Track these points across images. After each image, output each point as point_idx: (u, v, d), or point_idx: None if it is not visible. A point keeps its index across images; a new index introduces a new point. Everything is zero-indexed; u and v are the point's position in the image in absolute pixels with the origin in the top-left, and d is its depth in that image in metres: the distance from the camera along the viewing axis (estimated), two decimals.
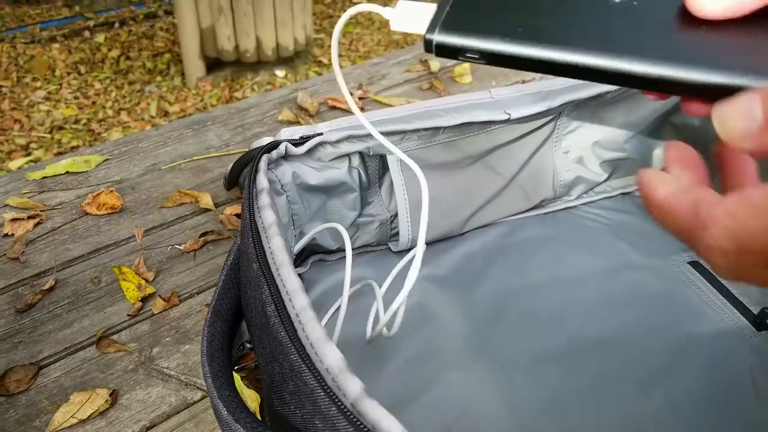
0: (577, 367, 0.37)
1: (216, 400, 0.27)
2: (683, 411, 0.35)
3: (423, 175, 0.29)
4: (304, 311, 0.25)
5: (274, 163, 0.37)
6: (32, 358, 0.44)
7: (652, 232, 0.48)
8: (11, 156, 1.86)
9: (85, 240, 0.54)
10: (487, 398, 0.35)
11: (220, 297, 0.32)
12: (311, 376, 0.23)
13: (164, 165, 0.63)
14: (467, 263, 0.44)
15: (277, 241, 0.28)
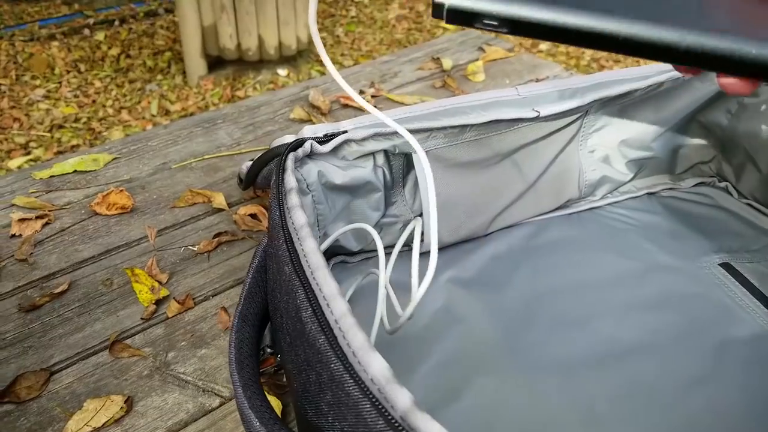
0: (612, 373, 0.36)
1: (247, 410, 0.25)
2: (724, 416, 0.34)
3: (431, 172, 0.28)
4: (344, 317, 0.24)
5: (300, 161, 0.35)
6: (43, 364, 0.42)
7: (681, 233, 0.47)
8: (10, 155, 1.84)
9: (96, 241, 0.52)
10: (521, 406, 0.34)
11: (246, 301, 0.31)
12: (355, 386, 0.22)
13: (174, 164, 0.62)
14: (494, 265, 0.43)
15: (310, 243, 0.27)
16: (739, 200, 0.50)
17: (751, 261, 0.45)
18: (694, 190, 0.52)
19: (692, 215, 0.49)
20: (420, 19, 2.80)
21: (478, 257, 0.43)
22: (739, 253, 0.46)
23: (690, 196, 0.51)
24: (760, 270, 0.44)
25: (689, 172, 0.53)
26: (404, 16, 2.83)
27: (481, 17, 0.19)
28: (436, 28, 2.71)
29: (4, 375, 0.41)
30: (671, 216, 0.48)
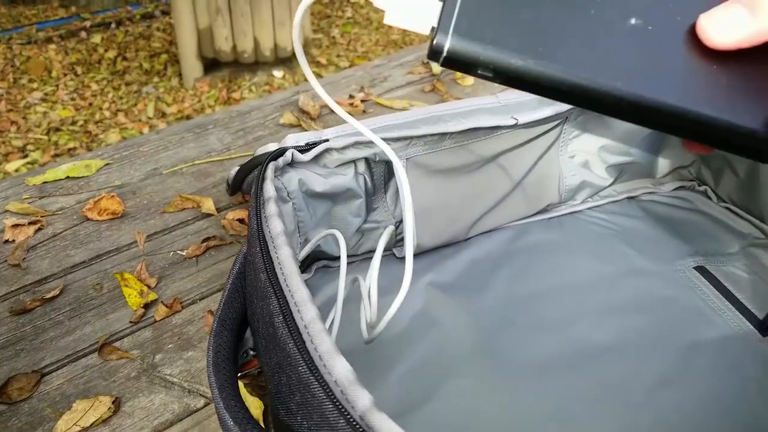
0: (585, 374, 0.37)
1: (222, 410, 0.27)
2: (691, 417, 0.35)
3: (407, 180, 0.29)
4: (313, 323, 0.25)
5: (281, 170, 0.36)
6: (34, 366, 0.43)
7: (658, 237, 0.48)
8: (8, 158, 1.86)
9: (87, 246, 0.53)
10: (494, 406, 0.35)
11: (225, 306, 0.32)
12: (319, 388, 0.23)
13: (165, 169, 0.63)
14: (473, 269, 0.44)
15: (285, 251, 0.28)
16: (718, 204, 0.52)
17: (726, 264, 0.46)
18: (674, 194, 0.53)
19: (671, 219, 0.50)
20: None
21: (458, 261, 0.45)
22: (716, 256, 0.47)
23: (669, 200, 0.52)
24: (734, 273, 0.45)
25: (669, 176, 0.54)
26: None
27: (477, 66, 0.20)
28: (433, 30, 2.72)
29: None
30: (650, 220, 0.50)
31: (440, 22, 0.20)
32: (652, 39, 0.21)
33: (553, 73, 0.19)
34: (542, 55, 0.19)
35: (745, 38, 0.20)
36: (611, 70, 0.20)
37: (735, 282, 0.44)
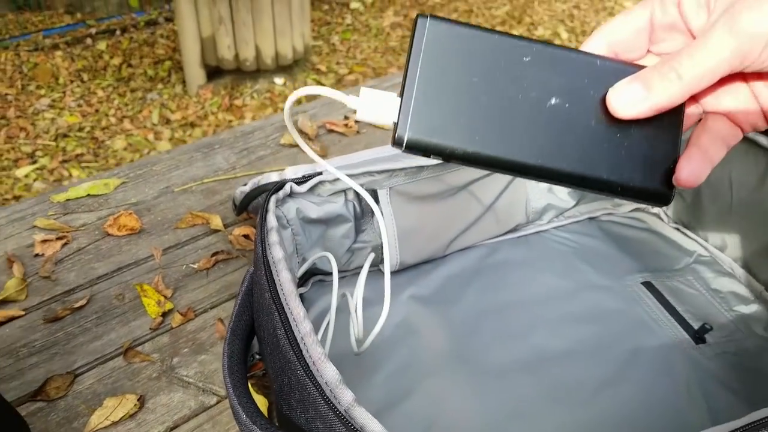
0: (540, 376, 0.44)
1: (237, 406, 0.33)
2: (630, 413, 0.42)
3: (379, 210, 0.35)
4: (308, 335, 0.31)
5: (281, 201, 0.43)
6: (68, 368, 0.50)
7: (612, 255, 0.54)
8: (18, 163, 1.92)
9: (109, 259, 0.60)
10: (461, 403, 0.41)
11: (236, 318, 0.38)
12: (314, 387, 0.29)
13: (177, 187, 0.69)
14: (448, 283, 0.51)
15: (285, 275, 0.35)
16: (669, 225, 0.58)
17: (672, 279, 0.53)
18: (631, 215, 0.60)
19: (626, 238, 0.57)
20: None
21: (436, 276, 0.51)
22: (663, 272, 0.53)
23: (626, 220, 0.59)
24: (677, 287, 0.52)
25: None
26: (398, 23, 2.91)
27: (431, 153, 0.26)
28: None
29: (36, 377, 0.49)
30: (607, 239, 0.56)
31: (399, 119, 0.25)
32: (569, 115, 0.27)
33: (488, 156, 0.26)
34: (479, 143, 0.25)
35: (643, 111, 0.27)
36: (533, 148, 0.26)
37: (677, 295, 0.51)
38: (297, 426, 0.32)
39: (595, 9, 3.05)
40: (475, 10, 3.03)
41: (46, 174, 1.88)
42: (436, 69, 0.25)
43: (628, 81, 0.26)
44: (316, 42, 2.67)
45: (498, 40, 0.26)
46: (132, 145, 2.01)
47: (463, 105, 0.26)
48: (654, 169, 0.27)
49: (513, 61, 0.26)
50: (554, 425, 0.41)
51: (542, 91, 0.26)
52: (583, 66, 0.27)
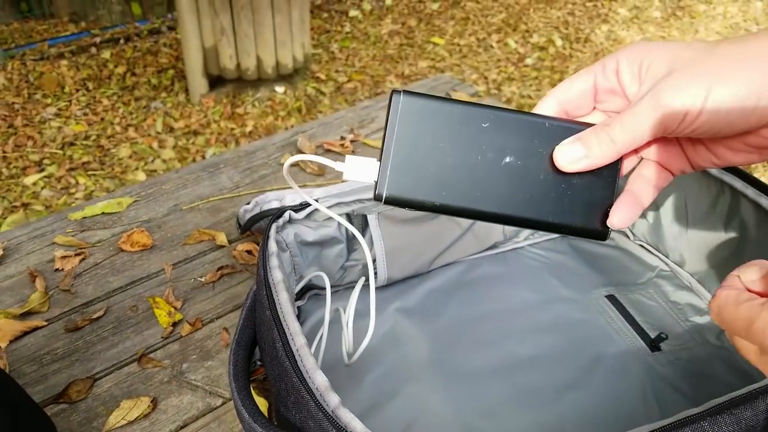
0: (509, 380, 0.49)
1: (241, 408, 0.39)
2: (589, 413, 0.47)
3: (361, 236, 0.41)
4: (302, 348, 0.37)
5: (281, 227, 0.49)
6: (87, 373, 0.56)
7: (580, 270, 0.60)
8: (25, 171, 1.98)
9: (123, 273, 0.65)
10: (438, 405, 0.47)
11: (241, 331, 0.44)
12: (306, 392, 0.35)
13: (185, 206, 0.75)
14: (431, 296, 0.56)
15: (284, 295, 0.40)
16: (634, 241, 0.64)
17: (634, 292, 0.58)
18: None
19: (593, 254, 0.62)
20: (412, 34, 2.93)
21: (420, 290, 0.57)
22: (627, 285, 0.59)
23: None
24: (638, 300, 0.57)
25: None
26: (397, 31, 2.96)
27: (407, 206, 0.31)
28: (427, 44, 2.84)
29: (59, 382, 0.55)
30: (576, 255, 0.62)
31: (378, 179, 0.30)
32: (521, 170, 0.32)
33: (454, 207, 0.31)
34: (446, 197, 0.30)
35: (583, 167, 0.32)
36: (490, 198, 0.31)
37: (637, 307, 0.56)
38: (293, 424, 0.37)
39: (589, 16, 3.11)
40: (472, 17, 3.09)
41: (53, 182, 1.93)
42: (408, 136, 0.30)
43: (571, 141, 0.31)
44: (315, 50, 2.73)
45: (461, 110, 0.31)
46: (137, 153, 2.06)
47: (432, 166, 0.31)
48: (593, 212, 0.32)
49: (474, 128, 0.31)
50: (520, 424, 0.46)
51: (498, 151, 0.31)
52: (533, 127, 0.32)
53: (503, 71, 2.63)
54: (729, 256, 0.53)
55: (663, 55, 0.30)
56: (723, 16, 3.16)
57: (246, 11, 2.09)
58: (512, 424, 0.46)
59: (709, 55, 0.28)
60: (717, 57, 0.28)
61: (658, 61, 0.30)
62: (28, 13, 2.89)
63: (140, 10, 2.87)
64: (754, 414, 0.34)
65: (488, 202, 0.31)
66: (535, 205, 0.32)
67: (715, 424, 0.34)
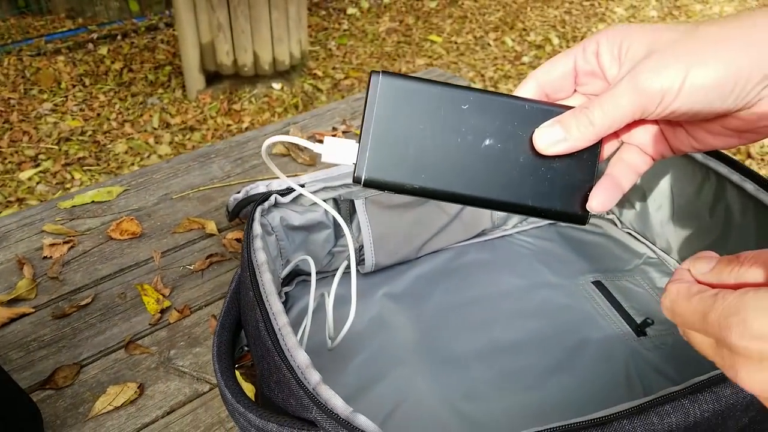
0: (492, 364, 0.49)
1: (224, 389, 0.39)
2: (570, 398, 0.47)
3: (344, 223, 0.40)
4: (284, 327, 0.37)
5: (266, 210, 0.49)
6: (74, 359, 0.55)
7: (567, 257, 0.60)
8: (21, 167, 1.98)
9: (112, 261, 0.65)
10: (424, 388, 0.47)
11: (225, 314, 0.44)
12: (287, 370, 0.35)
13: (175, 195, 0.75)
14: (419, 282, 0.56)
15: (267, 276, 0.40)
16: (622, 229, 0.64)
17: (621, 279, 0.58)
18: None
19: (581, 242, 0.62)
20: (409, 32, 2.93)
21: (408, 276, 0.57)
22: (614, 272, 0.59)
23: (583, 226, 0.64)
24: (625, 286, 0.57)
25: None
26: (394, 29, 2.96)
27: (385, 189, 0.30)
28: (424, 41, 2.84)
29: (45, 368, 0.55)
30: (564, 242, 0.62)
31: (357, 161, 0.30)
32: (501, 153, 0.32)
33: (433, 189, 0.31)
34: (424, 180, 0.30)
35: (562, 150, 0.32)
36: (469, 182, 0.31)
37: (624, 293, 0.56)
38: (276, 404, 0.37)
39: (586, 15, 3.11)
40: (469, 15, 3.09)
41: (49, 177, 1.93)
42: (387, 118, 0.30)
43: (550, 124, 0.31)
44: (313, 47, 2.73)
45: (441, 91, 0.30)
46: (133, 149, 2.06)
47: (411, 148, 0.30)
48: (573, 195, 0.32)
49: (453, 110, 0.30)
50: (505, 407, 0.46)
51: (478, 133, 0.31)
52: (513, 110, 0.32)
53: (500, 69, 2.63)
54: (714, 242, 0.54)
55: (642, 36, 0.29)
56: (719, 15, 3.16)
57: (243, 7, 2.09)
58: (496, 407, 0.46)
59: (689, 36, 0.28)
60: (696, 38, 0.28)
61: (637, 44, 0.29)
62: (25, 9, 2.89)
63: (138, 6, 2.87)
64: (734, 392, 0.35)
65: (467, 185, 0.31)
66: (515, 189, 0.32)
67: (695, 401, 0.34)
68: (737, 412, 0.35)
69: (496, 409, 0.46)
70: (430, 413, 0.45)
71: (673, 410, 0.33)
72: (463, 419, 0.45)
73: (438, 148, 0.31)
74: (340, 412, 0.32)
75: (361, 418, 0.31)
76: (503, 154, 0.31)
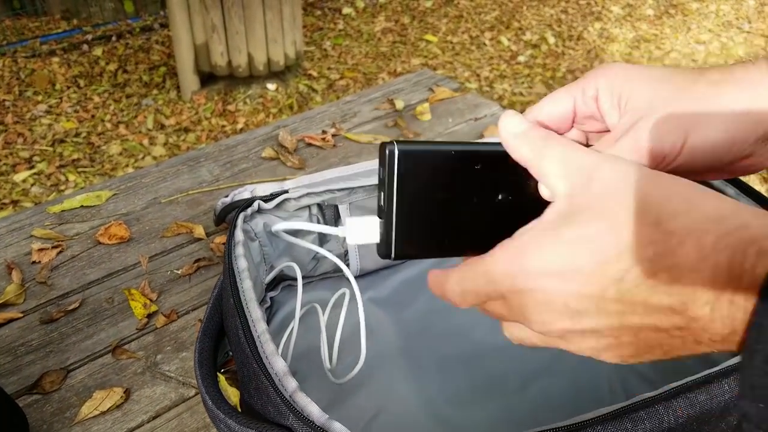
0: (476, 368, 0.49)
1: (205, 395, 0.39)
2: (553, 403, 0.47)
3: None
4: (263, 334, 0.37)
5: (249, 216, 0.49)
6: (61, 364, 0.56)
7: None
8: (16, 169, 1.97)
9: (100, 266, 0.66)
10: (406, 393, 0.47)
11: (207, 320, 0.44)
12: (265, 377, 0.35)
13: (164, 199, 0.75)
14: (403, 287, 0.56)
15: (247, 283, 0.40)
16: None
17: None
18: None
19: None
20: (405, 31, 2.93)
21: (393, 281, 0.57)
22: None
23: None
24: None
25: None
26: (390, 29, 2.96)
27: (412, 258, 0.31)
28: (420, 41, 2.84)
29: (32, 373, 0.55)
30: None
31: (382, 237, 0.30)
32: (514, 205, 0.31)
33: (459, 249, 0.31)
34: (449, 243, 0.30)
35: None
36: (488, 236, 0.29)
37: None
38: (256, 411, 0.38)
39: (582, 14, 3.11)
40: (465, 15, 3.09)
41: (43, 179, 1.93)
42: (405, 188, 0.29)
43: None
44: (308, 48, 2.73)
45: (454, 155, 0.30)
46: (127, 150, 2.06)
47: (431, 216, 0.30)
48: None
49: (466, 171, 0.30)
50: (487, 412, 0.46)
51: (491, 190, 0.31)
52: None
53: (496, 68, 2.63)
54: None
55: (642, 88, 0.30)
56: (716, 14, 3.17)
57: (237, 8, 2.09)
58: (478, 413, 0.47)
59: (687, 95, 0.29)
60: (694, 98, 0.29)
61: (637, 95, 0.30)
62: (20, 10, 2.88)
63: (133, 7, 2.87)
64: (708, 398, 0.35)
65: (487, 240, 0.29)
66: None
67: (670, 407, 0.34)
68: (712, 418, 0.35)
69: (477, 415, 0.46)
70: (412, 419, 0.46)
71: (648, 416, 0.33)
72: (445, 425, 0.46)
73: (457, 212, 0.31)
74: (315, 419, 0.32)
75: (336, 426, 0.32)
76: (516, 206, 0.31)
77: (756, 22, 3.09)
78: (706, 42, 2.89)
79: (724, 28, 3.03)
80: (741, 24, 3.06)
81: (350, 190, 0.53)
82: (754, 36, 2.97)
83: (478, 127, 0.90)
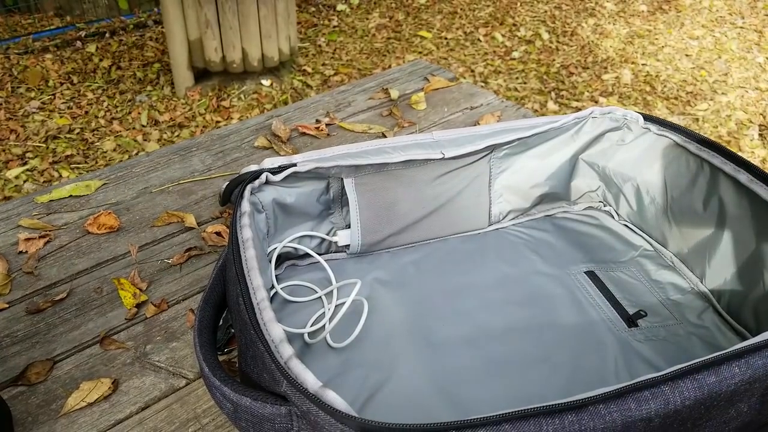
0: (478, 351, 0.48)
1: (202, 362, 0.37)
2: (557, 385, 0.46)
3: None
4: (263, 301, 0.36)
5: (257, 188, 0.48)
6: (48, 355, 0.54)
7: (561, 247, 0.59)
8: (8, 165, 1.95)
9: (89, 256, 0.64)
10: (408, 370, 0.46)
11: (210, 289, 0.43)
12: (261, 344, 0.34)
13: (155, 188, 0.73)
14: (410, 268, 0.55)
15: (251, 252, 0.39)
16: (619, 221, 0.62)
17: (615, 270, 0.57)
18: (584, 212, 0.64)
19: (576, 232, 0.61)
20: (399, 28, 2.91)
21: (398, 262, 0.56)
22: (608, 263, 0.58)
23: (579, 217, 0.63)
24: (619, 277, 0.56)
25: (581, 198, 0.65)
26: (384, 25, 2.95)
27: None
28: (414, 37, 2.83)
29: (18, 364, 0.53)
30: (558, 233, 0.60)
31: None
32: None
33: None
34: None
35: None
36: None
37: (617, 284, 0.55)
38: (251, 379, 0.36)
39: (576, 10, 3.10)
40: (459, 11, 3.08)
41: (36, 175, 1.91)
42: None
43: None
44: (302, 44, 2.71)
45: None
46: (121, 146, 2.04)
47: None
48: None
49: None
50: (487, 391, 0.45)
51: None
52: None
53: (490, 64, 2.62)
54: (710, 234, 0.52)
55: None
56: (709, 9, 3.16)
57: (231, 3, 2.07)
58: (482, 392, 0.45)
59: None
60: None
61: None
62: (12, 7, 2.86)
63: (126, 4, 2.84)
64: (717, 380, 0.33)
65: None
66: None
67: (676, 388, 0.32)
68: (721, 402, 0.34)
69: (481, 394, 0.45)
70: (414, 394, 0.45)
71: (652, 396, 0.31)
72: (447, 401, 0.44)
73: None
74: (309, 387, 0.30)
75: (330, 394, 0.30)
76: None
77: (749, 17, 3.08)
78: (699, 37, 2.89)
79: (717, 23, 3.02)
80: (734, 19, 3.06)
81: (357, 167, 0.51)
82: (747, 31, 2.96)
83: (473, 116, 0.88)
